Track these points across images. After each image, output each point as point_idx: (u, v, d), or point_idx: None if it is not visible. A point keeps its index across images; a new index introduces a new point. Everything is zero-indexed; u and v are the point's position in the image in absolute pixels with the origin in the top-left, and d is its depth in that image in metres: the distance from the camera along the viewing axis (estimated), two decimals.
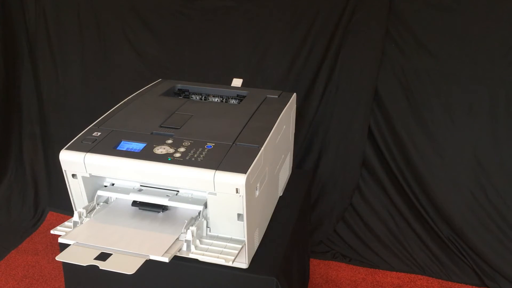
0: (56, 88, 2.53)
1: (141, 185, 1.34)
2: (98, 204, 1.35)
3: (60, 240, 1.19)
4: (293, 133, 1.76)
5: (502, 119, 2.05)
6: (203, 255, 1.19)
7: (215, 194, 1.20)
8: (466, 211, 2.16)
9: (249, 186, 1.17)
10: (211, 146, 1.26)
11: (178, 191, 1.31)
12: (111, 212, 1.32)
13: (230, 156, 1.22)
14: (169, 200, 1.28)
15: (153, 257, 1.13)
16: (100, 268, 1.09)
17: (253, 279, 1.27)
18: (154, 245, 1.18)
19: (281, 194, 1.66)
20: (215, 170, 1.17)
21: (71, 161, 1.26)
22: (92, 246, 1.16)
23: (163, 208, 1.32)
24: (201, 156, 1.22)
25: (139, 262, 1.10)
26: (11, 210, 2.57)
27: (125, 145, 1.28)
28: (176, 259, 1.19)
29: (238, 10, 2.20)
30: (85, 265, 1.10)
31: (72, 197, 1.35)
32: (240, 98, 1.67)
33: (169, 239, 1.21)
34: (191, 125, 1.39)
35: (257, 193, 1.26)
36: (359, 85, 2.17)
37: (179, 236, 1.22)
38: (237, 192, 1.16)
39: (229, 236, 1.27)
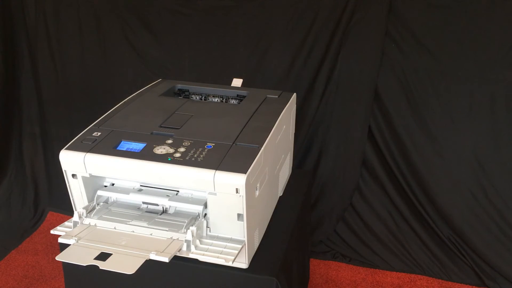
0: (56, 88, 2.53)
1: (141, 185, 1.34)
2: (98, 204, 1.35)
3: (60, 240, 1.19)
4: (293, 133, 1.76)
5: (502, 119, 2.05)
6: (203, 255, 1.19)
7: (215, 194, 1.20)
8: (466, 211, 2.16)
9: (249, 186, 1.17)
10: (211, 146, 1.26)
11: (178, 191, 1.31)
12: (111, 212, 1.32)
13: (230, 156, 1.22)
14: (169, 200, 1.28)
15: (153, 257, 1.13)
16: (100, 268, 1.09)
17: (253, 279, 1.27)
18: (154, 245, 1.18)
19: (281, 194, 1.66)
20: (215, 170, 1.17)
21: (71, 161, 1.26)
22: (92, 246, 1.16)
23: (163, 208, 1.31)
24: (201, 156, 1.22)
25: (139, 262, 1.10)
26: (11, 210, 2.57)
27: (125, 145, 1.28)
28: (176, 259, 1.19)
29: (238, 10, 2.20)
30: (85, 265, 1.10)
31: (72, 197, 1.35)
32: (240, 98, 1.67)
33: (169, 239, 1.21)
34: (191, 125, 1.39)
35: (257, 193, 1.26)
36: (359, 85, 2.16)
37: (179, 236, 1.22)
38: (237, 192, 1.16)
39: (229, 236, 1.27)
